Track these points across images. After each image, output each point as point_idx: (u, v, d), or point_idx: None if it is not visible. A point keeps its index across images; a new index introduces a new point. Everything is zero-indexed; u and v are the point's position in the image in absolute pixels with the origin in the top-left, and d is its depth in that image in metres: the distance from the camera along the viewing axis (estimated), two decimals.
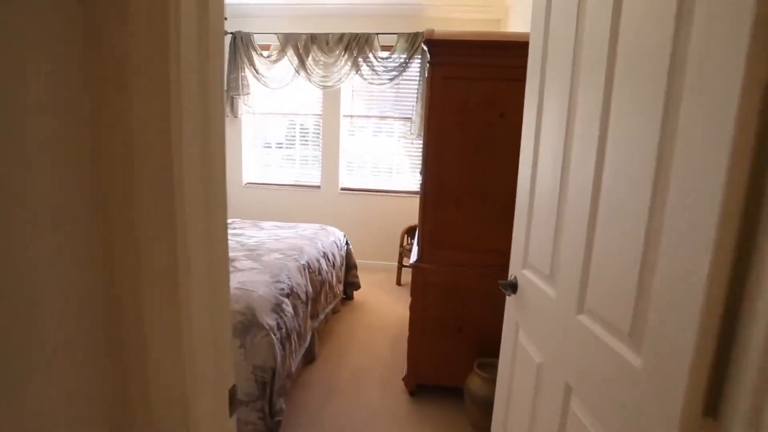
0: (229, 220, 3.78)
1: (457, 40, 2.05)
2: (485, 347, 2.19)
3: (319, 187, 4.68)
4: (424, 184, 2.15)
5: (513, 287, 1.37)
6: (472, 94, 2.08)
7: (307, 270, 2.58)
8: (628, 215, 0.79)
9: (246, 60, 4.33)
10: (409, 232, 4.17)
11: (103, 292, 0.64)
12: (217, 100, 0.67)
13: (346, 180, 4.70)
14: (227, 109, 4.48)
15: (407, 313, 3.51)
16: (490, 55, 2.05)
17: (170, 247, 0.62)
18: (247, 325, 1.83)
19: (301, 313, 2.32)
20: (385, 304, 3.70)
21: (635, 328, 0.76)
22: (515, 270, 1.39)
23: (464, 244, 2.16)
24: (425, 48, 2.06)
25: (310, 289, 2.54)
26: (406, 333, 2.32)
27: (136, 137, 0.59)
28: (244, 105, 4.48)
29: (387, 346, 2.95)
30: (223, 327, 0.78)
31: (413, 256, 2.27)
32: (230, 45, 4.35)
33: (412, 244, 4.10)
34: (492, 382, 1.92)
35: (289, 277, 2.32)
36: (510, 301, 1.42)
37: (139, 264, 0.63)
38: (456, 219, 2.14)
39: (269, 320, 1.92)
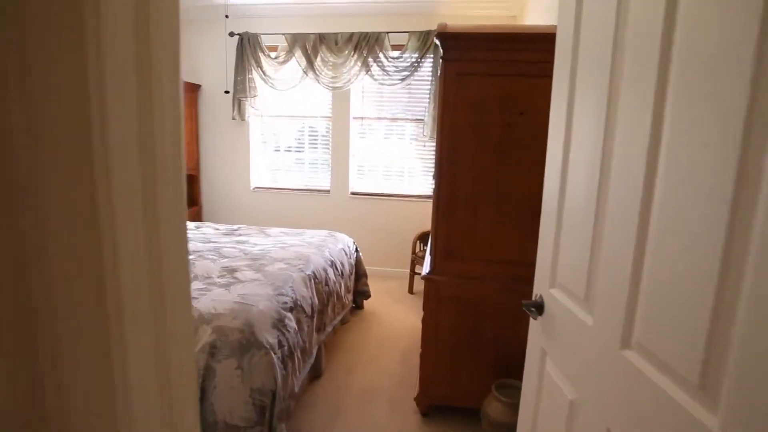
0: (234, 227, 3.68)
1: (472, 33, 1.89)
2: (504, 367, 2.02)
3: (328, 191, 4.55)
4: (437, 190, 1.99)
5: (539, 308, 1.20)
6: (489, 92, 1.92)
7: (313, 281, 2.44)
8: (693, 232, 0.62)
9: (253, 61, 4.23)
10: (422, 238, 4.00)
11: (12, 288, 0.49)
12: (164, 82, 0.52)
13: (356, 184, 4.56)
14: (234, 112, 4.38)
15: (419, 324, 3.33)
16: (509, 49, 1.88)
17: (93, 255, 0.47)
18: (245, 344, 1.69)
19: (305, 328, 2.18)
20: (396, 314, 3.54)
21: (708, 378, 0.60)
22: (541, 288, 1.22)
23: (481, 255, 1.99)
24: (437, 42, 1.91)
25: (316, 301, 2.40)
26: (419, 346, 2.16)
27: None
28: (251, 108, 4.37)
29: (398, 360, 2.79)
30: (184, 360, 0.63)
31: (425, 268, 2.11)
32: (237, 47, 4.26)
33: (424, 250, 3.94)
34: (512, 407, 1.75)
35: (293, 290, 2.18)
36: (535, 323, 1.25)
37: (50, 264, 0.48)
38: (472, 228, 1.98)
39: (270, 338, 1.78)
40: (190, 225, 3.65)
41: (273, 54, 4.24)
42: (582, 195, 0.99)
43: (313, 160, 4.63)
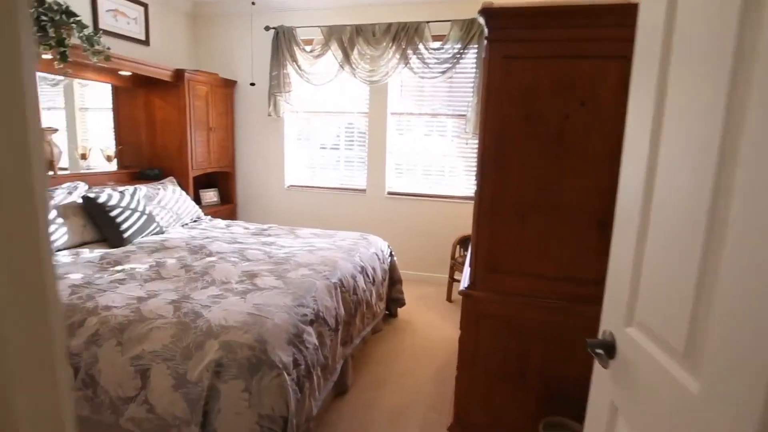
0: (264, 226, 3.54)
1: (523, 8, 1.61)
2: (554, 401, 1.72)
3: (364, 190, 4.35)
4: (479, 192, 1.72)
5: (608, 350, 0.92)
6: (542, 78, 1.63)
7: (339, 289, 2.23)
8: None
9: (288, 56, 4.09)
10: (462, 242, 3.72)
11: None
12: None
13: (393, 183, 4.33)
14: (270, 109, 4.26)
15: (458, 335, 3.08)
16: (567, 26, 1.59)
17: None
18: (255, 363, 1.51)
19: (328, 342, 1.97)
20: (432, 324, 3.29)
21: None
22: (612, 324, 0.94)
23: (529, 269, 1.70)
24: (482, 21, 1.64)
25: (342, 311, 2.19)
26: (455, 361, 1.91)
27: None
28: (286, 104, 4.24)
29: (432, 378, 2.54)
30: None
31: (464, 280, 1.85)
32: (273, 41, 4.13)
33: (464, 256, 3.65)
34: None
35: (315, 300, 1.98)
36: (602, 369, 0.97)
37: None
38: (520, 237, 1.70)
39: (284, 356, 1.58)
40: (220, 224, 3.56)
41: (308, 48, 4.08)
42: (682, 207, 0.71)
43: (348, 158, 4.45)
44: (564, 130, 1.64)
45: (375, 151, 4.23)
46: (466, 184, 4.11)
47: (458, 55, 3.75)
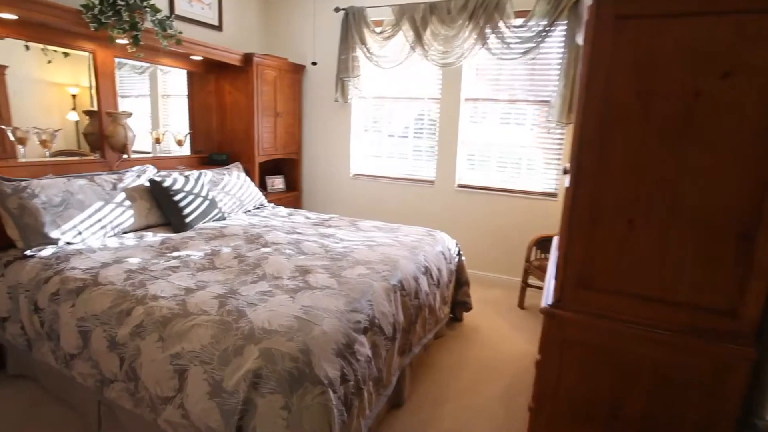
0: (326, 216, 3.40)
1: None
2: None
3: (433, 182, 4.07)
4: (573, 189, 1.39)
5: None
6: (666, 42, 1.25)
7: (398, 293, 2.00)
8: None
9: (358, 38, 3.89)
10: (540, 244, 3.32)
11: None
12: None
13: (465, 176, 4.00)
14: (337, 94, 4.11)
15: (531, 349, 2.73)
16: None
17: None
18: (298, 376, 1.32)
19: (383, 353, 1.75)
20: (501, 333, 2.96)
21: None
22: None
23: (636, 289, 1.35)
24: None
25: (401, 317, 1.96)
26: (528, 381, 1.61)
27: None
28: (354, 88, 4.06)
29: (499, 398, 2.24)
30: None
31: (546, 295, 1.53)
32: (342, 23, 3.95)
33: (542, 259, 3.26)
34: None
35: (371, 304, 1.77)
36: None
37: None
38: (624, 246, 1.34)
39: (330, 370, 1.38)
40: (282, 212, 3.47)
41: (378, 29, 3.85)
42: None
43: (417, 147, 4.18)
44: (692, 112, 1.25)
45: (446, 140, 3.93)
46: (546, 179, 3.68)
47: (543, 33, 3.32)
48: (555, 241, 2.32)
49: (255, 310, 1.58)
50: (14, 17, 2.41)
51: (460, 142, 3.90)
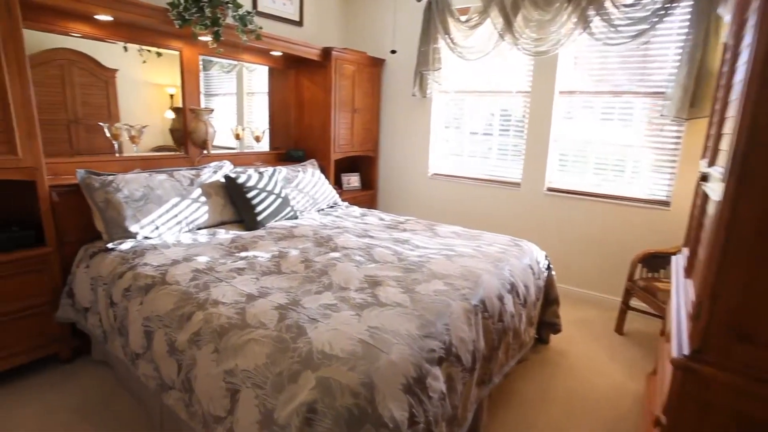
0: (401, 218, 3.18)
1: None
2: None
3: (518, 184, 3.69)
4: (731, 201, 1.03)
5: None
6: None
7: (480, 314, 1.73)
8: None
9: (441, 28, 3.62)
10: (647, 261, 2.83)
11: None
12: None
13: (555, 178, 3.58)
14: (415, 89, 3.88)
15: (631, 386, 2.29)
16: None
17: None
18: (358, 416, 1.11)
19: (459, 387, 1.50)
20: (594, 361, 2.55)
21: None
22: None
23: None
24: None
25: (481, 344, 1.68)
26: (627, 427, 1.26)
27: None
28: (434, 82, 3.80)
29: None
30: None
31: (678, 341, 1.17)
32: (424, 13, 3.71)
33: (650, 279, 2.78)
34: None
35: (448, 329, 1.52)
36: None
37: None
38: None
39: (397, 411, 1.16)
40: (355, 212, 3.32)
41: (463, 18, 3.55)
42: None
43: (502, 146, 3.82)
44: None
45: (535, 138, 3.53)
46: (656, 184, 3.15)
47: (661, 12, 2.81)
48: (676, 261, 1.89)
49: (316, 327, 1.41)
50: (110, 18, 2.49)
51: (551, 141, 3.49)
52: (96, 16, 2.45)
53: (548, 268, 2.62)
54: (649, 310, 2.78)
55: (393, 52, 3.87)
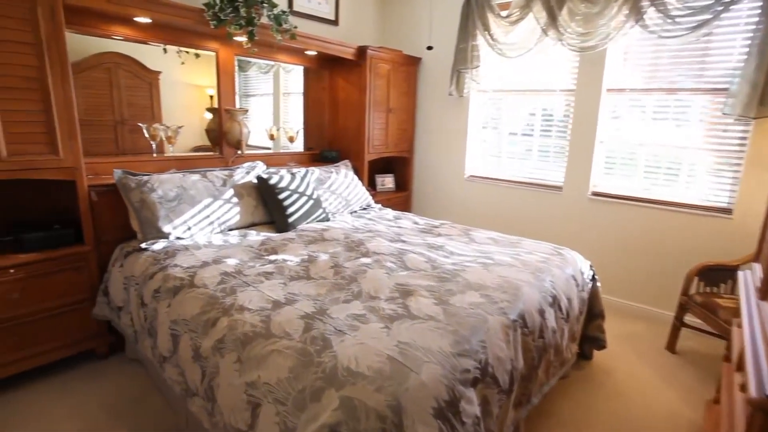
0: (436, 222, 3.06)
1: None
2: None
3: (560, 188, 3.50)
4: None
5: None
6: None
7: (519, 330, 1.60)
8: None
9: (480, 24, 3.48)
10: (705, 274, 2.60)
11: None
12: None
13: (601, 182, 3.36)
14: (452, 88, 3.75)
15: (686, 412, 2.09)
16: None
17: None
18: None
19: (495, 411, 1.38)
20: (643, 382, 2.34)
21: None
22: None
23: None
24: None
25: (520, 363, 1.56)
26: None
27: None
28: (472, 81, 3.66)
29: None
30: None
31: (756, 378, 1.01)
32: (462, 9, 3.58)
33: (709, 294, 2.55)
34: None
35: (484, 346, 1.40)
36: None
37: None
38: None
39: None
40: (389, 215, 3.24)
41: (504, 12, 3.40)
42: None
43: (543, 147, 3.64)
44: None
45: (579, 139, 3.33)
46: (716, 190, 2.89)
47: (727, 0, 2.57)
48: (744, 278, 1.69)
49: (342, 340, 1.33)
50: (148, 20, 2.51)
51: (597, 141, 3.28)
52: (135, 18, 2.48)
53: (593, 278, 2.44)
54: (707, 329, 2.54)
55: (429, 48, 3.75)
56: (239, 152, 3.13)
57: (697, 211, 2.91)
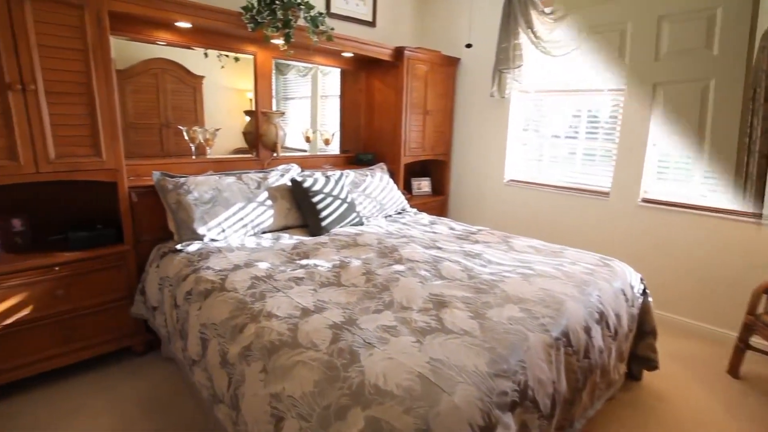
0: (473, 228, 2.93)
1: None
2: None
3: (607, 194, 3.29)
4: None
5: None
6: None
7: (562, 349, 1.47)
8: None
9: (523, 22, 3.33)
10: None
11: None
12: None
13: (652, 187, 3.13)
14: (494, 89, 3.62)
15: None
16: None
17: None
18: None
19: None
20: (700, 409, 2.13)
21: None
22: None
23: None
24: None
25: (563, 385, 1.43)
26: None
27: None
28: (514, 81, 3.52)
29: None
30: None
31: None
32: (504, 7, 3.44)
33: None
34: None
35: (523, 367, 1.29)
36: None
37: None
38: None
39: None
40: (424, 219, 3.15)
41: (548, 9, 3.24)
42: None
43: (589, 150, 3.44)
44: None
45: (629, 142, 3.12)
46: None
47: None
48: None
49: (371, 354, 1.26)
50: (189, 25, 2.56)
51: (649, 145, 3.05)
52: (176, 23, 2.53)
53: (644, 293, 2.25)
54: None
55: (468, 46, 3.63)
56: (275, 155, 3.14)
57: (762, 221, 2.65)
